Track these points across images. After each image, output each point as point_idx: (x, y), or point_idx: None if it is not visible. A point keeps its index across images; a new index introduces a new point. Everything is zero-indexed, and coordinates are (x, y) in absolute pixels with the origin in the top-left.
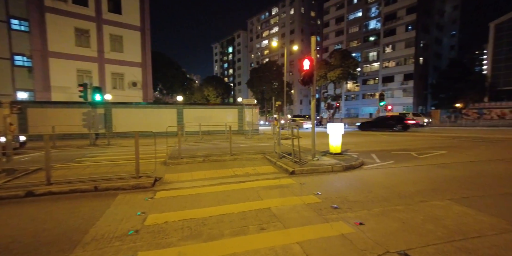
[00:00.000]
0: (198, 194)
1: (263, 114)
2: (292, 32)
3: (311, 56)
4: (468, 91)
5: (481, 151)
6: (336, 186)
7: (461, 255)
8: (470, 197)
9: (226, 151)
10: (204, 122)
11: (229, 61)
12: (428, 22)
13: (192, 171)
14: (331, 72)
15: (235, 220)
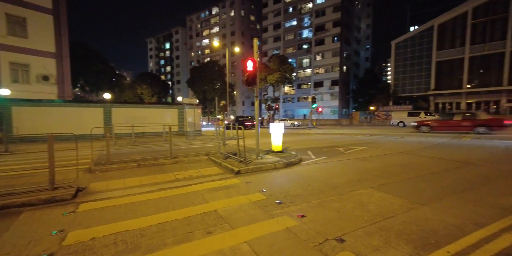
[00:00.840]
0: (134, 203)
1: (205, 114)
2: (233, 34)
3: (254, 58)
4: (378, 96)
5: (391, 146)
6: (279, 182)
7: (381, 233)
8: (385, 184)
9: (165, 154)
10: (138, 123)
11: (166, 57)
12: (349, 36)
13: (125, 177)
14: (270, 75)
15: (178, 227)
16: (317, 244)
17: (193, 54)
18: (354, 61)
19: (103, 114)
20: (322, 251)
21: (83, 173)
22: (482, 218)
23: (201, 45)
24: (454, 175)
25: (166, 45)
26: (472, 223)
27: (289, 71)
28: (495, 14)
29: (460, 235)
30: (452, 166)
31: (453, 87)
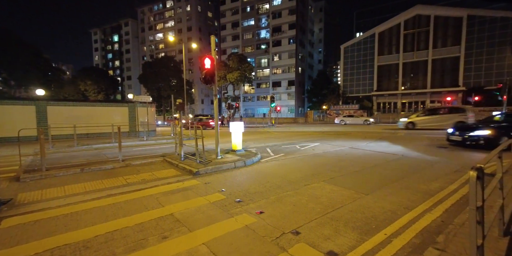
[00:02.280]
0: (76, 213)
1: (161, 113)
2: (190, 30)
3: (212, 55)
4: (330, 96)
5: (340, 142)
6: (239, 181)
7: (332, 223)
8: (335, 177)
9: (114, 157)
10: (82, 123)
11: (115, 51)
12: (304, 39)
13: (65, 185)
14: (230, 74)
15: (130, 234)
16: (274, 238)
17: (146, 49)
18: (309, 63)
19: (35, 113)
20: (279, 245)
21: (7, 182)
22: (411, 202)
23: (154, 39)
24: (393, 166)
25: (114, 38)
26: (403, 207)
27: (248, 70)
28: (420, 27)
29: (395, 218)
30: (391, 158)
31: (391, 88)
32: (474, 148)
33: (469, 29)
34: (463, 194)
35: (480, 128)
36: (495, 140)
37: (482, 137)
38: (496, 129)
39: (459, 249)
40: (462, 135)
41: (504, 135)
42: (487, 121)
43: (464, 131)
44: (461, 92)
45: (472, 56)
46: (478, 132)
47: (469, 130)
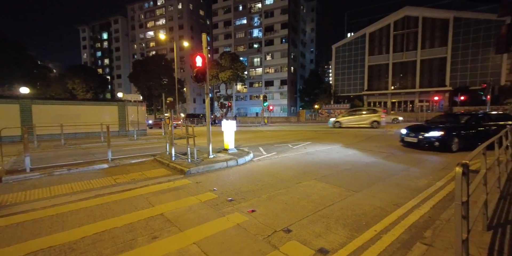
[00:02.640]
0: (62, 214)
1: (151, 112)
2: (181, 28)
3: (203, 53)
4: (322, 96)
5: (331, 141)
6: (231, 180)
7: (323, 220)
8: (326, 175)
9: (103, 157)
10: (69, 122)
11: (104, 49)
12: (296, 38)
13: (51, 185)
14: (222, 72)
15: (118, 235)
16: (266, 236)
17: (136, 47)
18: (301, 63)
19: (19, 112)
20: (271, 243)
21: None
22: (400, 199)
23: (145, 37)
24: (382, 164)
25: (104, 35)
26: (393, 204)
27: (241, 69)
28: (409, 28)
29: (384, 215)
30: (381, 156)
31: (381, 88)
32: (429, 150)
33: (455, 30)
34: (449, 190)
35: (433, 128)
36: (448, 140)
37: (436, 138)
38: (447, 129)
39: (445, 243)
40: (417, 137)
41: (455, 136)
42: (432, 122)
43: (418, 132)
44: (448, 92)
45: (458, 57)
46: (432, 133)
47: (422, 131)
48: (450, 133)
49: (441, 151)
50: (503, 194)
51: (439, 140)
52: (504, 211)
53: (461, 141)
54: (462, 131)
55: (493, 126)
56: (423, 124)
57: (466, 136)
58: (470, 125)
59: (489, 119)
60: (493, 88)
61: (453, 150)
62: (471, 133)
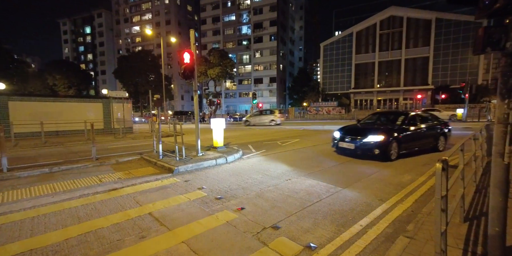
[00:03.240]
0: (44, 215)
1: (138, 109)
2: (168, 23)
3: (191, 50)
4: (310, 93)
5: (319, 138)
6: (220, 177)
7: (311, 216)
8: (315, 172)
9: (87, 155)
10: (51, 119)
11: (87, 43)
12: (285, 36)
13: (31, 186)
14: (211, 69)
15: (105, 236)
16: (255, 233)
17: (121, 42)
18: (290, 60)
19: None
20: (260, 240)
21: None
22: (385, 194)
23: (131, 32)
24: (367, 160)
25: (86, 29)
26: (378, 199)
27: (230, 66)
28: (394, 28)
29: (370, 210)
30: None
31: (367, 86)
32: (367, 158)
33: (437, 31)
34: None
35: (372, 131)
36: (388, 146)
37: (376, 144)
38: (387, 133)
39: (426, 236)
40: (354, 142)
41: (394, 141)
42: (366, 123)
43: (355, 135)
44: (430, 90)
45: (439, 56)
46: (372, 138)
47: (360, 135)
48: (390, 137)
49: (381, 159)
50: (478, 188)
51: (380, 146)
52: (479, 204)
53: (400, 146)
54: (400, 134)
55: (425, 128)
56: (357, 125)
57: (404, 140)
58: (406, 127)
59: (420, 119)
60: (471, 87)
61: (392, 158)
62: (408, 137)
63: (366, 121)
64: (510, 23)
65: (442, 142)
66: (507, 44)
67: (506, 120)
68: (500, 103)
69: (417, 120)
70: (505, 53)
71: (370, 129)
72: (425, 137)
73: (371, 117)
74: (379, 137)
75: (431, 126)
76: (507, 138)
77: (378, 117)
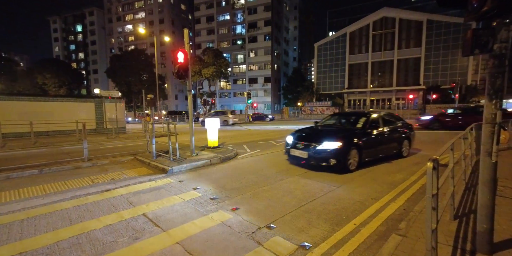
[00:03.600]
0: (34, 218)
1: (131, 109)
2: (162, 22)
3: (185, 49)
4: (304, 93)
5: None
6: (215, 177)
7: (305, 216)
8: (309, 171)
9: (79, 156)
10: (41, 119)
11: (78, 42)
12: (279, 36)
13: (19, 188)
14: (205, 69)
15: (97, 238)
16: (250, 233)
17: (114, 41)
18: (284, 60)
19: None
20: (255, 240)
21: None
22: (378, 193)
23: (123, 31)
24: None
25: (78, 28)
26: (371, 198)
27: (224, 65)
28: (387, 29)
29: (363, 209)
30: None
31: (361, 86)
32: (321, 170)
33: (428, 32)
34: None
35: (328, 136)
36: (347, 154)
37: (332, 152)
38: (345, 138)
39: (417, 233)
40: (307, 150)
41: (354, 147)
42: (324, 125)
43: (308, 141)
44: (421, 90)
45: (431, 57)
46: (327, 144)
47: (314, 140)
48: (349, 143)
49: (338, 171)
50: (468, 186)
51: (337, 155)
52: (468, 201)
53: (361, 154)
54: (361, 139)
55: (389, 131)
56: (313, 127)
57: (366, 146)
58: (369, 131)
59: (384, 121)
60: (460, 87)
61: (351, 168)
62: (371, 142)
63: (325, 123)
64: (497, 26)
65: (406, 147)
66: (494, 46)
67: (494, 120)
68: (488, 104)
69: (380, 122)
70: (492, 55)
71: (326, 134)
72: (389, 141)
73: (330, 118)
74: (336, 144)
75: (395, 128)
76: (495, 138)
77: (339, 119)
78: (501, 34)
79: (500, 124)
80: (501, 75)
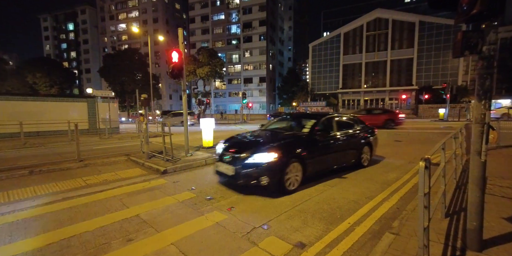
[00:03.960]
0: (24, 220)
1: (124, 109)
2: (156, 21)
3: (179, 49)
4: (299, 93)
5: None
6: (210, 178)
7: (300, 215)
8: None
9: (71, 157)
10: (31, 119)
11: (70, 41)
12: (274, 36)
13: (9, 189)
14: (200, 68)
15: (90, 239)
16: (245, 233)
17: (107, 40)
18: (279, 60)
19: None
20: (250, 240)
21: None
22: (371, 192)
23: (116, 30)
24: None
25: (69, 26)
26: (365, 197)
27: (219, 65)
28: (380, 30)
29: (357, 208)
30: None
31: (355, 86)
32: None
33: (421, 33)
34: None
35: (260, 147)
36: (281, 170)
37: (263, 167)
38: (283, 148)
39: (410, 232)
40: (234, 165)
41: (292, 158)
42: (267, 129)
43: (238, 152)
44: (414, 90)
45: (423, 58)
46: (258, 157)
47: (245, 150)
48: (288, 154)
49: (272, 193)
50: (458, 184)
51: (270, 171)
52: (459, 200)
53: (305, 167)
54: (307, 147)
55: (345, 137)
56: (253, 132)
57: (313, 157)
58: (318, 137)
59: (339, 124)
60: (451, 88)
61: (290, 188)
62: (319, 152)
63: (270, 126)
64: (486, 28)
65: (366, 155)
66: (483, 48)
67: (483, 120)
68: (477, 104)
69: (334, 125)
70: (481, 56)
71: (260, 142)
72: (345, 149)
73: (279, 119)
74: (269, 156)
75: (353, 133)
76: (484, 137)
77: (289, 121)
78: (489, 37)
79: (489, 124)
80: (490, 76)
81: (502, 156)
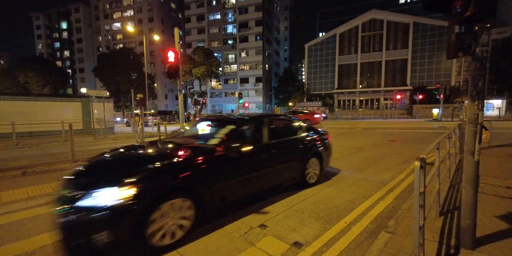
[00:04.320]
0: (17, 222)
1: (119, 109)
2: (151, 20)
3: (175, 48)
4: (295, 94)
5: None
6: None
7: (297, 215)
8: None
9: (65, 157)
10: (23, 120)
11: (63, 40)
12: (270, 36)
13: (1, 191)
14: (196, 68)
15: None
16: (242, 234)
17: (101, 39)
18: (275, 60)
19: None
20: (247, 240)
21: None
22: (367, 192)
23: (111, 29)
24: (351, 159)
25: (62, 25)
26: (361, 197)
27: (215, 65)
28: (375, 30)
29: (354, 207)
30: (349, 151)
31: (350, 86)
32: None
33: (415, 34)
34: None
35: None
36: (141, 219)
37: (106, 215)
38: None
39: (405, 230)
40: (63, 210)
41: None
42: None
43: (77, 186)
44: (409, 91)
45: (417, 58)
46: (98, 196)
47: (85, 183)
48: (161, 186)
49: None
50: (452, 183)
51: (118, 221)
52: (453, 198)
53: (201, 202)
54: (207, 170)
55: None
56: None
57: (215, 182)
58: (230, 150)
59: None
60: (445, 88)
61: (167, 242)
62: (231, 171)
63: (187, 133)
64: (479, 30)
65: (314, 169)
66: (476, 50)
67: (476, 120)
68: (471, 104)
69: (264, 132)
70: (474, 58)
71: (118, 166)
72: (279, 163)
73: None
74: (117, 194)
75: (295, 141)
76: (477, 137)
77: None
78: (482, 38)
79: (482, 124)
80: (483, 77)
81: (494, 155)
